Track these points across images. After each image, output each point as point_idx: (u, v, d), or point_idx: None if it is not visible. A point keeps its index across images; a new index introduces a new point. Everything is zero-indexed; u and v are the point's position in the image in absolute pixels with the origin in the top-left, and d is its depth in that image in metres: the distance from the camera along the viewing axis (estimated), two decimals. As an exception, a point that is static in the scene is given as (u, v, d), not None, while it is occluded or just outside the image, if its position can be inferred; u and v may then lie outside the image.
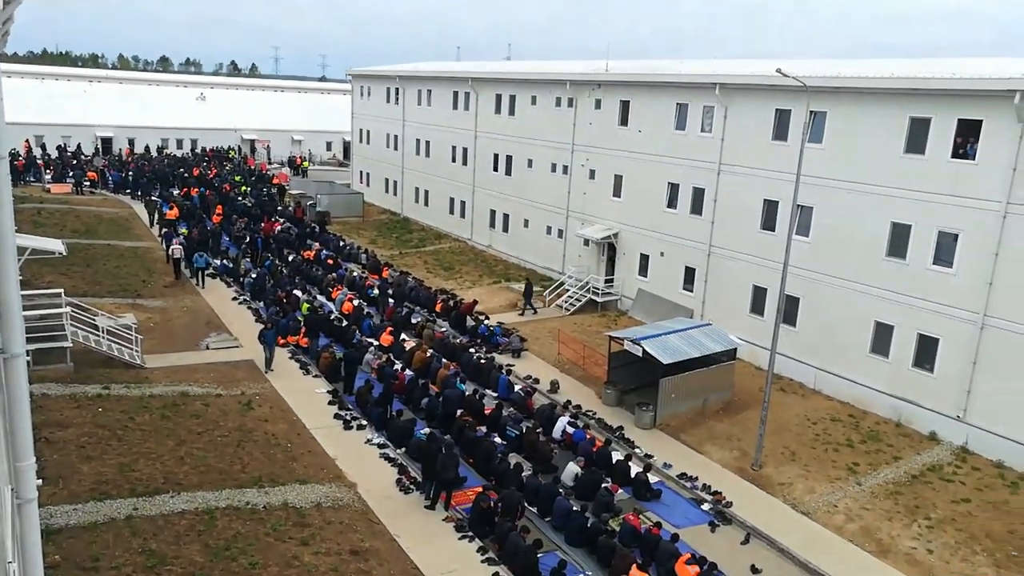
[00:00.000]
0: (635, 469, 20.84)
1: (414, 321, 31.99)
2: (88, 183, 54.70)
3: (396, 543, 17.34)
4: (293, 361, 27.25)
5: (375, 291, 34.94)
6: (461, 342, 29.76)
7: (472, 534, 17.75)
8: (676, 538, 17.30)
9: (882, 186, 25.14)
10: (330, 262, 39.50)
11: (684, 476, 21.25)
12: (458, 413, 22.76)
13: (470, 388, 25.18)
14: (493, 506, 18.00)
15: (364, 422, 23.00)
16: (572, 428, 22.81)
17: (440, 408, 23.19)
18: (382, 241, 48.18)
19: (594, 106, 37.07)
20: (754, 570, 17.29)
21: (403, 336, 29.77)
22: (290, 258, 39.85)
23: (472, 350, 28.78)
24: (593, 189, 37.46)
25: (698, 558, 16.51)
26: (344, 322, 30.69)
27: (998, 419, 22.56)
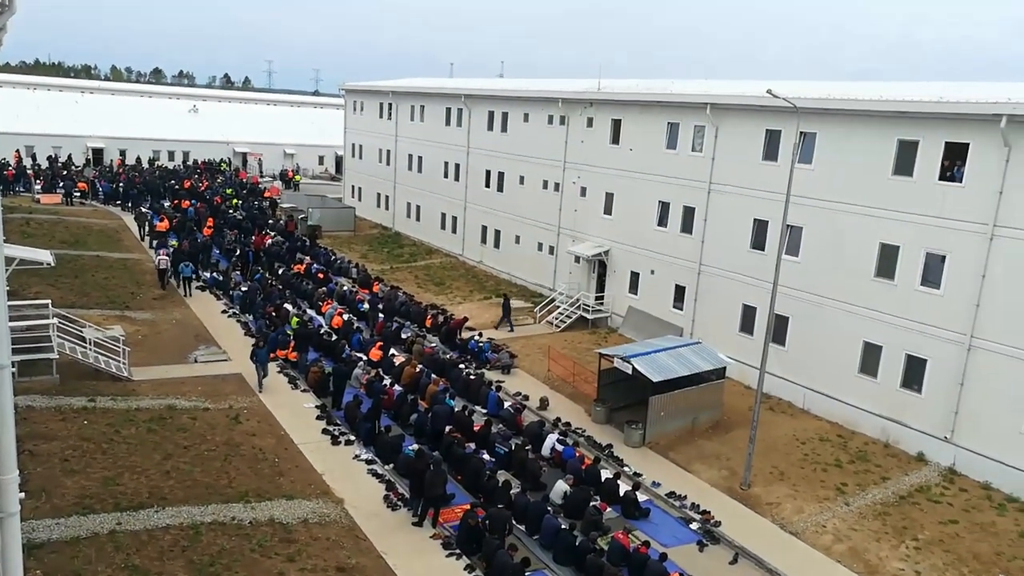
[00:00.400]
0: (624, 487, 20.78)
1: (404, 336, 31.92)
2: (78, 194, 54.48)
3: (383, 560, 17.19)
4: (282, 375, 27.11)
5: (365, 305, 34.85)
6: (451, 358, 29.70)
7: (460, 552, 17.62)
8: (664, 557, 17.23)
9: (871, 207, 25.35)
10: (320, 276, 39.41)
11: (673, 495, 21.20)
12: (447, 429, 22.66)
13: (459, 404, 25.09)
14: (481, 523, 17.90)
15: (352, 437, 22.86)
16: (562, 445, 22.76)
17: (429, 424, 23.08)
18: (373, 255, 48.15)
19: (586, 124, 37.30)
20: (742, 590, 17.24)
21: (392, 351, 29.68)
22: (280, 272, 39.74)
23: (462, 366, 28.72)
24: (584, 206, 37.61)
25: (686, 578, 16.44)
26: (334, 336, 30.58)
27: (985, 440, 22.65)
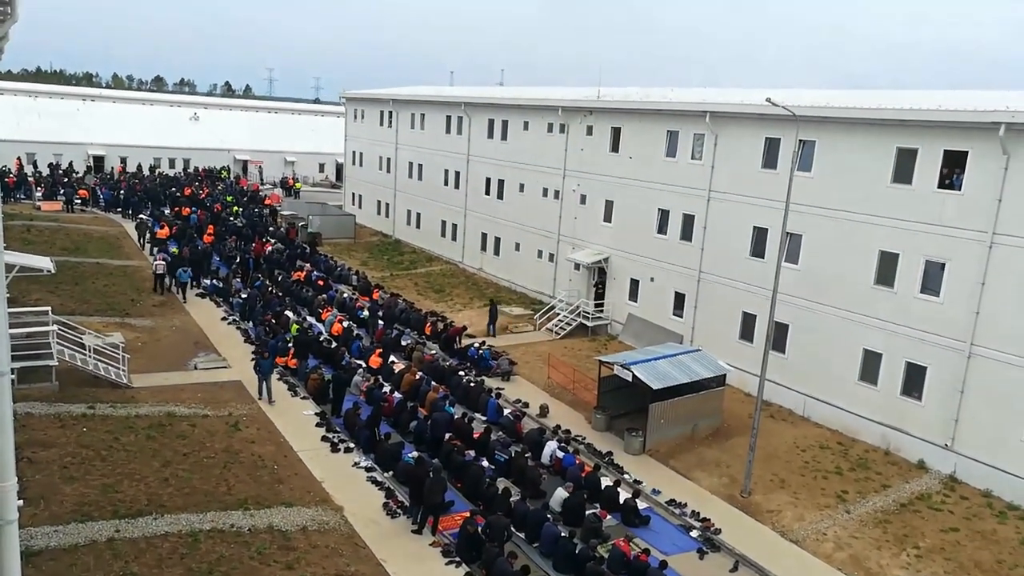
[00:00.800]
0: (624, 495, 20.73)
1: (404, 343, 31.88)
2: (79, 201, 54.56)
3: (382, 568, 17.14)
4: (281, 382, 27.07)
5: (365, 313, 34.85)
6: (451, 365, 29.68)
7: (459, 559, 17.57)
8: (664, 565, 17.17)
9: (870, 215, 25.39)
10: (320, 283, 39.42)
11: (673, 502, 21.16)
12: (447, 436, 22.63)
13: (459, 411, 25.07)
14: (480, 531, 17.85)
15: (352, 445, 22.83)
16: (562, 453, 22.72)
17: (428, 431, 23.04)
18: (373, 263, 48.17)
19: (586, 132, 37.38)
20: (743, 598, 17.18)
21: (392, 358, 29.65)
22: (280, 279, 39.75)
23: (461, 373, 28.70)
24: (584, 214, 37.65)
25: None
26: (333, 343, 30.56)
27: (986, 448, 22.62)
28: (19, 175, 59.30)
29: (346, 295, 37.84)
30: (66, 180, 60.51)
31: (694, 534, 19.83)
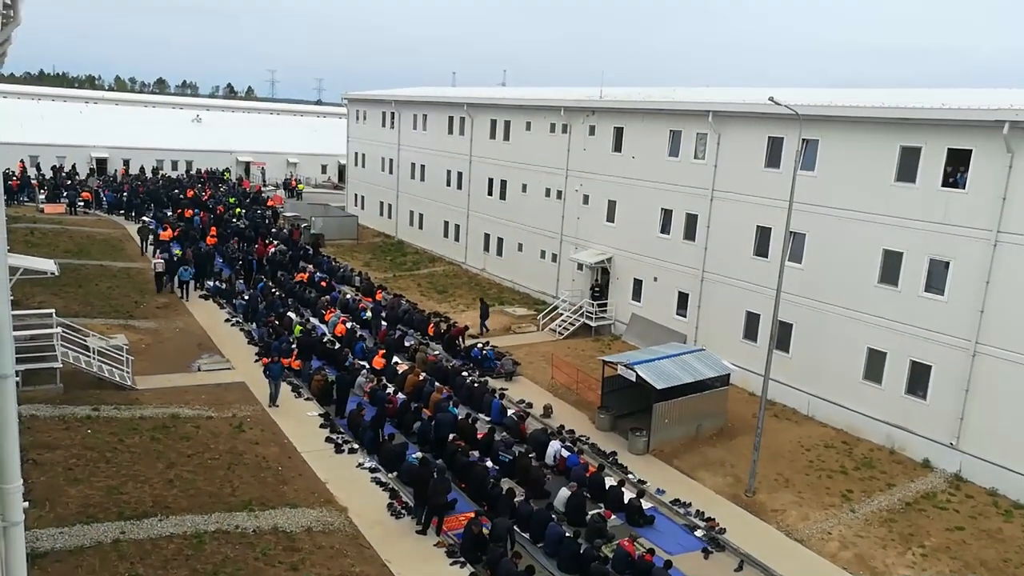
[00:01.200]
0: (628, 495, 20.71)
1: (407, 344, 31.88)
2: (82, 203, 54.67)
3: (387, 568, 17.14)
4: (285, 384, 27.05)
5: (368, 314, 34.85)
6: (454, 365, 29.67)
7: (464, 560, 17.57)
8: (669, 565, 17.17)
9: (874, 214, 25.34)
10: (323, 284, 39.45)
11: (677, 502, 21.13)
12: (451, 437, 22.63)
13: (463, 412, 25.07)
14: (484, 532, 17.83)
15: (356, 446, 22.83)
16: (566, 453, 22.70)
17: (432, 432, 23.04)
18: (376, 264, 48.19)
19: (588, 132, 37.36)
20: (748, 598, 17.15)
21: (396, 359, 29.66)
22: (283, 280, 39.78)
23: (465, 374, 28.69)
24: (587, 214, 37.62)
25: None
26: (337, 345, 30.57)
27: (991, 447, 22.56)
28: (23, 178, 59.42)
29: (349, 296, 37.84)
30: (69, 183, 60.67)
31: (698, 534, 19.80)
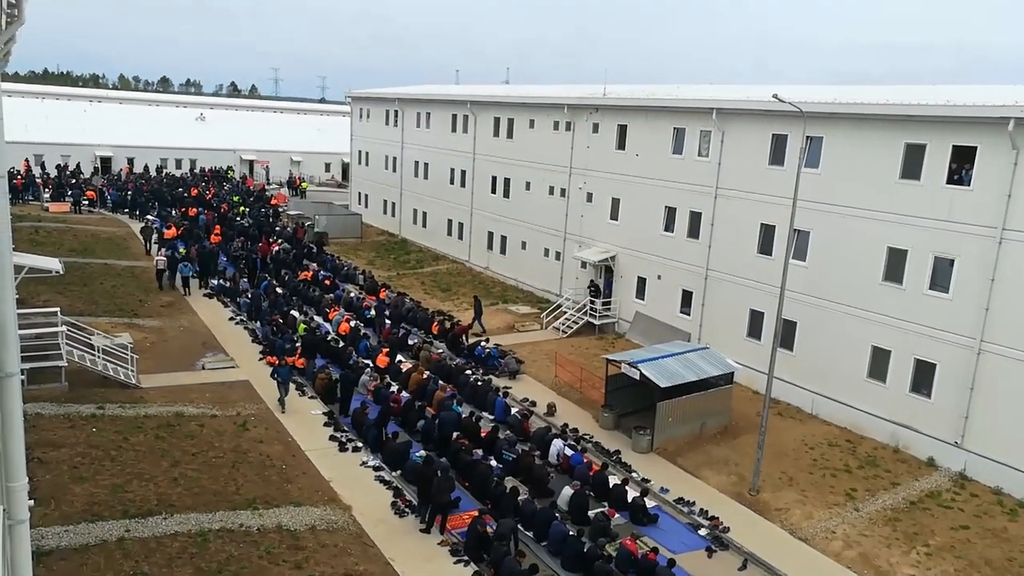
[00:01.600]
0: (632, 493, 20.70)
1: (411, 342, 31.91)
2: (87, 202, 54.78)
3: (391, 567, 17.16)
4: (289, 382, 27.08)
5: (372, 312, 34.89)
6: (458, 364, 29.68)
7: (467, 558, 17.58)
8: (673, 563, 17.16)
9: (878, 211, 25.27)
10: (327, 283, 39.49)
11: (681, 501, 21.11)
12: (454, 435, 22.63)
13: (466, 410, 25.08)
14: (488, 531, 17.83)
15: (360, 444, 22.85)
16: (570, 451, 22.70)
17: (436, 430, 23.06)
18: (380, 262, 48.21)
19: (592, 130, 37.32)
20: (752, 597, 17.13)
21: (400, 357, 29.69)
22: (287, 278, 39.82)
23: (469, 372, 28.69)
24: (591, 212, 37.59)
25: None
26: (341, 343, 30.59)
27: (996, 445, 22.49)
28: (27, 176, 59.56)
29: (353, 294, 37.87)
30: (73, 181, 60.81)
31: (702, 532, 19.78)
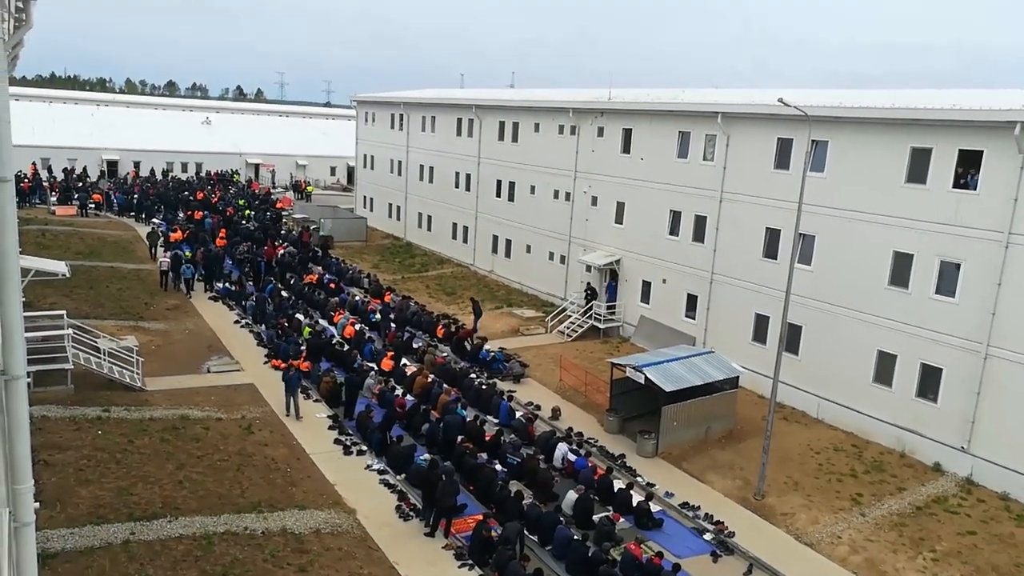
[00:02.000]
0: (637, 498, 20.67)
1: (415, 346, 31.93)
2: (93, 205, 54.99)
3: (395, 571, 17.15)
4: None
5: (377, 316, 34.92)
6: (462, 367, 29.68)
7: (472, 562, 17.56)
8: (678, 568, 17.10)
9: (884, 215, 25.21)
10: (332, 286, 39.54)
11: (686, 505, 21.06)
12: (459, 439, 22.63)
13: (471, 414, 25.06)
14: (493, 535, 17.81)
15: (364, 448, 22.86)
16: (574, 455, 22.66)
17: (441, 434, 23.05)
18: (385, 266, 48.27)
19: (596, 134, 37.32)
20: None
21: (404, 361, 29.70)
22: (292, 282, 39.90)
23: (473, 376, 28.69)
24: (595, 216, 37.59)
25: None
26: (346, 346, 30.64)
27: (1003, 450, 22.39)
28: (34, 180, 59.83)
29: (358, 298, 37.92)
30: (80, 185, 61.06)
31: (707, 537, 19.73)
